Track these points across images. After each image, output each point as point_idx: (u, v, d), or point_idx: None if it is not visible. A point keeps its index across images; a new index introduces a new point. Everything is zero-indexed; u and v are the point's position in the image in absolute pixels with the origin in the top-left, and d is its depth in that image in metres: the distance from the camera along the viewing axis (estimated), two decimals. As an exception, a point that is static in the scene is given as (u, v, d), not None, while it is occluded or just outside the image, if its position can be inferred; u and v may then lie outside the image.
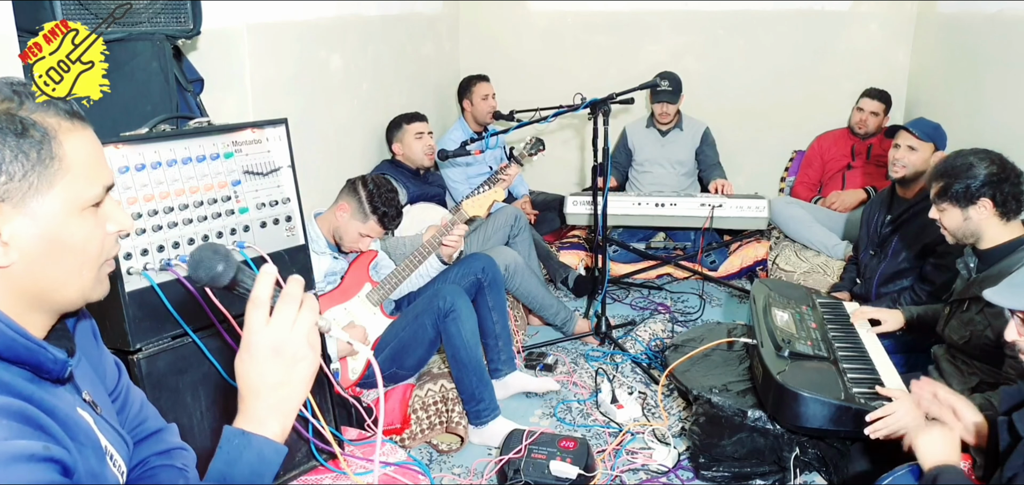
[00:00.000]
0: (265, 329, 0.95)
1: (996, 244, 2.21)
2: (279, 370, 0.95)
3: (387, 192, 2.62)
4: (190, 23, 2.13)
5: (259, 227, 1.82)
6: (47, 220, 0.88)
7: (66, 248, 0.90)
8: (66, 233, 0.90)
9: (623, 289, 4.10)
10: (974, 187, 2.20)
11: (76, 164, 0.90)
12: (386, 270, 2.82)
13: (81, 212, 0.91)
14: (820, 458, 2.32)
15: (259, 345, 0.95)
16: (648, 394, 2.98)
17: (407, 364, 2.66)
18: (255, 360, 0.95)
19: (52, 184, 0.88)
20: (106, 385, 1.13)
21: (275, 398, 0.96)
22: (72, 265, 0.92)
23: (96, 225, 0.93)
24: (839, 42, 4.67)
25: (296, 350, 0.96)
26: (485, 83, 4.31)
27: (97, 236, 0.94)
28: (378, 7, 3.81)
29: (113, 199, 0.98)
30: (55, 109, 0.90)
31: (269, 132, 1.85)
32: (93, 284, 0.96)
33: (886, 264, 3.00)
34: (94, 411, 1.01)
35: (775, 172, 4.91)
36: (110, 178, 0.96)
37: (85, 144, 0.92)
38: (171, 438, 1.23)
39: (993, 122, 3.40)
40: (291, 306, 0.97)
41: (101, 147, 0.97)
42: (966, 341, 2.22)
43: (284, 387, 0.96)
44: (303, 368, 0.97)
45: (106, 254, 0.97)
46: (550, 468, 2.26)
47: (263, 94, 2.80)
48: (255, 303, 0.96)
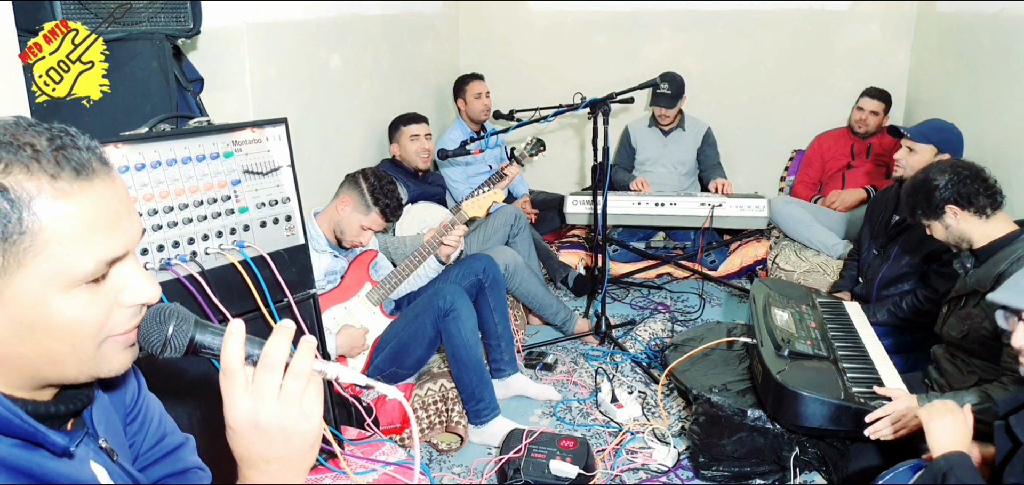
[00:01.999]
0: (243, 402, 0.81)
1: (989, 241, 2.22)
2: (270, 446, 0.82)
3: (388, 184, 2.63)
4: (190, 22, 2.13)
5: (259, 226, 1.82)
6: (18, 301, 0.74)
7: (47, 330, 0.76)
8: (45, 314, 0.75)
9: (623, 289, 4.10)
10: (936, 200, 2.25)
11: (59, 237, 0.74)
12: (386, 270, 2.82)
13: (68, 290, 0.75)
14: (820, 457, 2.32)
15: (238, 419, 0.82)
16: (648, 393, 2.98)
17: (407, 363, 2.66)
18: (238, 435, 0.83)
19: (21, 263, 0.73)
20: (125, 404, 1.06)
21: (273, 470, 0.84)
22: (59, 347, 0.77)
23: (93, 302, 0.78)
24: (839, 42, 4.67)
25: (285, 423, 0.81)
26: (478, 81, 4.31)
27: (93, 314, 0.78)
28: (378, 7, 3.81)
29: (133, 264, 0.82)
30: (44, 167, 0.73)
31: (269, 131, 1.85)
32: (93, 361, 0.81)
33: (888, 267, 2.99)
34: (110, 460, 0.91)
35: (775, 172, 4.91)
36: (122, 248, 0.79)
37: (83, 210, 0.75)
38: (188, 457, 1.16)
39: (993, 122, 3.39)
40: (272, 374, 0.82)
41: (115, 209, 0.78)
42: (964, 336, 2.23)
43: (281, 462, 0.84)
44: (299, 443, 0.83)
45: (114, 329, 0.81)
46: (550, 467, 2.26)
47: (263, 93, 2.80)
48: (225, 373, 0.82)
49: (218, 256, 1.71)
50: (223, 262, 1.72)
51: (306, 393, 0.83)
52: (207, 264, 1.68)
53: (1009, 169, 3.17)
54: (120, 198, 0.80)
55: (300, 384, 0.82)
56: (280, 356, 0.82)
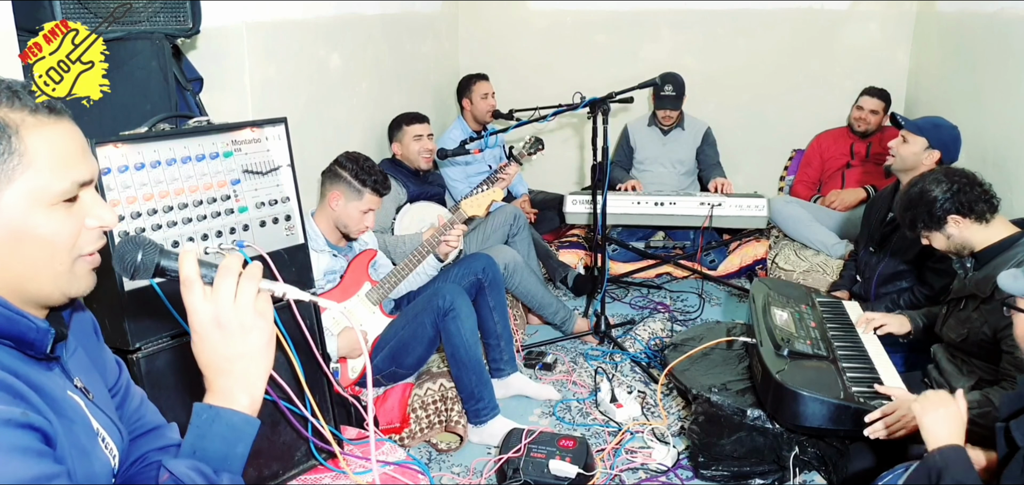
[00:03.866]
0: (204, 305, 0.96)
1: (989, 245, 2.22)
2: (231, 343, 0.96)
3: (365, 162, 2.63)
4: (189, 22, 2.13)
5: (258, 226, 1.82)
6: (8, 212, 0.88)
7: (31, 240, 0.90)
8: (29, 226, 0.89)
9: (622, 288, 4.10)
10: (937, 210, 2.25)
11: (41, 158, 0.89)
12: (385, 269, 2.82)
13: (48, 206, 0.90)
14: (819, 457, 2.32)
15: (202, 323, 0.96)
16: (647, 393, 2.98)
17: (406, 363, 2.65)
18: (203, 338, 0.96)
19: (11, 178, 0.88)
20: (106, 380, 1.14)
21: (237, 370, 0.97)
22: (39, 257, 0.91)
23: (67, 219, 0.92)
24: (838, 41, 4.67)
25: (242, 320, 0.96)
26: (485, 82, 4.31)
27: (67, 230, 0.92)
28: (377, 6, 3.81)
29: (95, 194, 0.97)
30: (25, 103, 0.90)
31: (268, 131, 1.85)
32: (67, 277, 0.95)
33: (885, 264, 2.99)
34: (85, 396, 1.02)
35: (774, 171, 4.91)
36: (88, 174, 0.95)
37: (57, 138, 0.91)
38: (171, 435, 1.23)
39: (993, 122, 3.40)
40: (228, 279, 0.96)
41: (82, 143, 0.95)
42: (963, 339, 2.23)
43: (242, 359, 0.97)
44: (256, 337, 0.97)
45: (82, 248, 0.95)
46: (549, 467, 2.26)
47: (262, 93, 2.80)
48: (185, 284, 0.96)
49: (218, 255, 1.71)
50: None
51: (258, 296, 0.98)
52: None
53: (1009, 169, 3.18)
54: (81, 136, 0.96)
55: (252, 286, 0.97)
56: (234, 266, 0.97)
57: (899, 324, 2.58)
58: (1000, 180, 2.30)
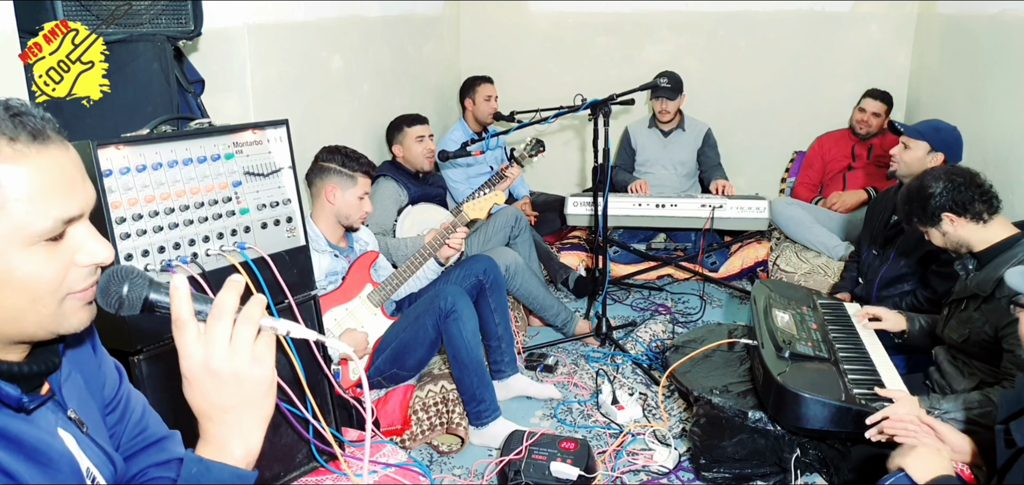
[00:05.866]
0: (195, 350, 0.85)
1: (989, 245, 2.22)
2: (223, 392, 0.85)
3: (348, 149, 2.65)
4: (191, 24, 2.13)
5: (260, 228, 1.82)
6: None
7: (8, 284, 0.82)
8: (5, 269, 0.81)
9: (624, 290, 4.09)
10: (932, 208, 2.25)
11: (17, 195, 0.80)
12: (387, 272, 2.82)
13: (27, 247, 0.81)
14: (821, 459, 2.32)
15: (191, 368, 0.85)
16: (649, 395, 2.98)
17: (408, 365, 2.65)
18: (192, 384, 0.86)
19: None
20: (104, 395, 1.09)
21: (231, 420, 0.87)
22: (19, 301, 0.83)
23: (50, 259, 0.84)
24: (839, 43, 4.67)
25: (236, 368, 0.85)
26: (488, 84, 4.31)
27: (50, 270, 0.84)
28: (379, 8, 3.82)
29: (88, 228, 0.88)
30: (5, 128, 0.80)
31: (270, 133, 1.85)
32: (54, 318, 0.86)
33: (888, 267, 2.99)
34: (78, 429, 0.96)
35: (776, 173, 4.91)
36: (76, 209, 0.85)
37: (38, 171, 0.81)
38: (173, 447, 1.18)
39: (993, 122, 3.40)
40: (223, 321, 0.85)
41: (70, 173, 0.85)
42: (965, 340, 2.23)
43: (238, 410, 0.86)
44: (252, 388, 0.86)
45: (71, 287, 0.87)
46: (551, 469, 2.26)
47: (264, 95, 2.80)
48: (177, 325, 0.86)
49: (219, 257, 1.71)
50: (224, 263, 1.72)
51: (257, 340, 0.86)
52: (208, 265, 1.68)
53: (1010, 170, 3.17)
54: (74, 163, 0.86)
55: (250, 329, 0.86)
56: (230, 305, 0.85)
57: (895, 321, 2.59)
58: (1001, 181, 2.29)
